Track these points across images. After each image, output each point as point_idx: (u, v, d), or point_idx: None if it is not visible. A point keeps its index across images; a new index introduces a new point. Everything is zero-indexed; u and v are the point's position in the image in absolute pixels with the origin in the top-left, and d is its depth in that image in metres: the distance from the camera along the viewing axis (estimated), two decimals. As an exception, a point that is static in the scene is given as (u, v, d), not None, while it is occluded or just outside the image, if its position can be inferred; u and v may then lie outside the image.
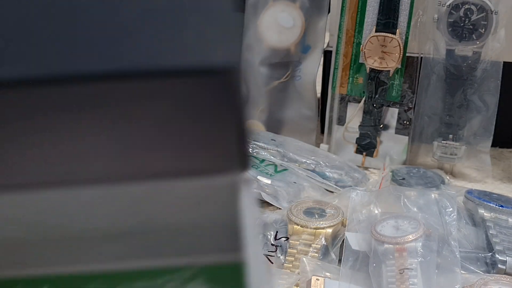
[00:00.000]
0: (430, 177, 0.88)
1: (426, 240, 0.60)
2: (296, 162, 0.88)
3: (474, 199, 0.74)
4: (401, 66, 0.93)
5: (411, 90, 0.95)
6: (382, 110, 0.96)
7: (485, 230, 0.68)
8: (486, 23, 0.89)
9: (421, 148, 0.99)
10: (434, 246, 0.59)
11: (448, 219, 0.65)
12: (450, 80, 0.93)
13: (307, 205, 0.71)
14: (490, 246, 0.65)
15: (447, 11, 0.91)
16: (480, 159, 0.95)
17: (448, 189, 0.77)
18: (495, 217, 0.70)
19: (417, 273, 0.57)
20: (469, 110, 0.94)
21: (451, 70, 0.93)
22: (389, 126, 0.98)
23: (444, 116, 0.95)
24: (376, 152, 0.96)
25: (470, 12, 0.90)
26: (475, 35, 0.90)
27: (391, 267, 0.58)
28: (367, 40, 0.92)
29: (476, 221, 0.71)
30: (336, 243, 0.66)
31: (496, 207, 0.72)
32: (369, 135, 0.96)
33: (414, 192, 0.71)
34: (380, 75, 0.94)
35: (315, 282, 0.57)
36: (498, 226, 0.68)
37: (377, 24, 0.92)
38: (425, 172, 0.90)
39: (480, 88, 0.93)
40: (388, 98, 0.95)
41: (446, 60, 0.93)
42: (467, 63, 0.92)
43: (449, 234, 0.63)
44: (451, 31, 0.91)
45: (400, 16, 0.91)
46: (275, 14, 1.01)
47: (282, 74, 1.03)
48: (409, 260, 0.58)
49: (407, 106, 0.96)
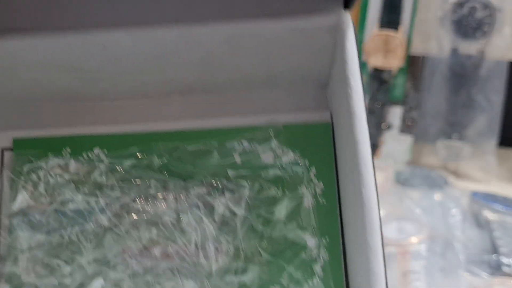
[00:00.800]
0: (434, 178, 0.87)
1: (430, 243, 0.59)
2: (298, 163, 0.87)
3: (479, 200, 0.73)
4: (405, 64, 0.92)
5: (415, 89, 0.94)
6: (385, 109, 0.95)
7: (489, 232, 0.67)
8: (491, 21, 0.88)
9: (424, 148, 0.98)
10: (437, 249, 0.59)
11: (452, 221, 0.64)
12: (454, 79, 0.92)
13: (308, 207, 0.71)
14: (495, 248, 0.64)
15: (451, 9, 0.90)
16: (485, 159, 0.94)
17: (452, 190, 0.76)
18: (500, 219, 0.70)
19: (420, 276, 0.56)
20: (474, 109, 0.93)
21: (455, 68, 0.92)
22: (392, 125, 0.97)
23: (448, 115, 0.94)
24: (378, 152, 0.95)
25: (475, 10, 0.89)
26: (479, 33, 0.89)
27: (394, 270, 0.57)
28: (369, 38, 0.91)
29: (480, 223, 0.70)
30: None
31: (501, 209, 0.71)
32: (371, 135, 0.95)
33: (417, 193, 0.71)
34: (382, 73, 0.93)
35: (316, 285, 0.56)
36: (503, 228, 0.67)
37: (380, 22, 0.91)
38: (429, 172, 0.89)
39: (484, 87, 0.92)
40: (391, 97, 0.94)
41: (450, 59, 0.92)
42: (471, 62, 0.91)
43: (453, 236, 0.62)
44: (455, 29, 0.90)
45: (403, 13, 0.90)
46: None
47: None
48: (413, 262, 0.57)
49: (410, 106, 0.95)
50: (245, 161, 0.45)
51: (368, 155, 0.38)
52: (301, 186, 0.45)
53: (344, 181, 0.43)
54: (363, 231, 0.36)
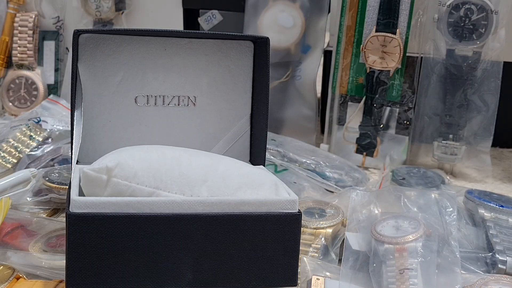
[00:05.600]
0: (430, 177, 0.88)
1: (426, 240, 0.60)
2: (296, 162, 0.87)
3: (475, 199, 0.74)
4: (401, 66, 0.92)
5: (411, 90, 0.95)
6: (382, 110, 0.96)
7: (485, 230, 0.68)
8: (487, 23, 0.89)
9: (421, 148, 0.99)
10: (434, 246, 0.59)
11: (448, 219, 0.65)
12: (450, 80, 0.93)
13: (307, 205, 0.71)
14: (490, 246, 0.65)
15: (447, 11, 0.91)
16: (480, 159, 0.95)
17: (448, 189, 0.77)
18: (495, 217, 0.70)
19: (417, 273, 0.57)
20: (469, 110, 0.94)
21: (451, 70, 0.93)
22: (389, 126, 0.98)
23: (444, 116, 0.95)
24: (376, 152, 0.96)
25: (471, 12, 0.90)
26: (475, 35, 0.90)
27: (391, 267, 0.58)
28: (367, 40, 0.92)
29: (476, 221, 0.71)
30: (336, 243, 0.66)
31: (496, 207, 0.72)
32: (369, 135, 0.96)
33: (414, 192, 0.71)
34: (380, 75, 0.93)
35: (316, 281, 0.57)
36: (498, 226, 0.68)
37: (377, 24, 0.92)
38: (425, 172, 0.90)
39: (480, 88, 0.93)
40: (388, 98, 0.95)
41: (446, 60, 0.93)
42: (467, 63, 0.92)
43: (449, 234, 0.63)
44: (452, 31, 0.91)
45: (400, 16, 0.91)
46: (275, 14, 1.01)
47: (282, 74, 1.03)
48: (410, 260, 0.58)
49: (407, 106, 0.96)
50: None
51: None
52: None
53: None
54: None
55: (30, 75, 1.09)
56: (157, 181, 0.53)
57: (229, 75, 0.67)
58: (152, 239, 0.51)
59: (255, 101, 0.67)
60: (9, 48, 1.10)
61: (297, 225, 0.54)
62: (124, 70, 0.65)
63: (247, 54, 0.67)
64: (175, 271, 0.52)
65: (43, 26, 1.11)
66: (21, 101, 1.09)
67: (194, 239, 0.51)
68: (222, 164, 0.57)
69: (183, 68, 0.67)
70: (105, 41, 0.64)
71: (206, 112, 0.68)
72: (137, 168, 0.53)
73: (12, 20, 1.09)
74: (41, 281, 0.56)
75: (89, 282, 0.51)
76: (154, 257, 0.51)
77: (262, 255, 0.53)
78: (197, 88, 0.67)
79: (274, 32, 1.00)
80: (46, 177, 0.74)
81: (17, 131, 0.87)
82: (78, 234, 0.50)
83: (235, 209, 0.53)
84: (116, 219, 0.50)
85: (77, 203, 0.50)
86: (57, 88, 1.11)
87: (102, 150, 0.63)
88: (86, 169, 0.53)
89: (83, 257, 0.50)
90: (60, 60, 1.12)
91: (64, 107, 1.03)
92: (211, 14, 1.07)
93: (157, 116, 0.66)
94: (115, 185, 0.52)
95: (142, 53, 0.65)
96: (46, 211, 0.73)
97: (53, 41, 1.11)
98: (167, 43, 0.66)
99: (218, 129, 0.68)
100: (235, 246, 0.53)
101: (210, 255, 0.52)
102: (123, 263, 0.51)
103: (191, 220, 0.51)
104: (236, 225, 0.52)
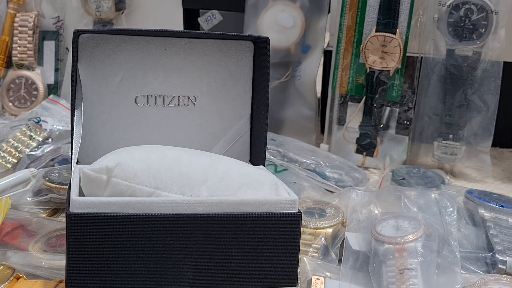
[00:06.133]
0: (430, 177, 0.88)
1: (426, 240, 0.60)
2: (296, 162, 0.87)
3: (474, 199, 0.74)
4: (401, 66, 0.92)
5: (411, 90, 0.95)
6: (382, 110, 0.96)
7: (485, 230, 0.68)
8: (487, 23, 0.89)
9: (421, 148, 0.99)
10: (434, 246, 0.59)
11: (448, 219, 0.65)
12: (450, 80, 0.93)
13: (307, 205, 0.71)
14: (490, 246, 0.65)
15: (447, 11, 0.91)
16: (480, 159, 0.95)
17: (448, 189, 0.77)
18: (495, 217, 0.70)
19: (417, 273, 0.57)
20: (469, 110, 0.94)
21: (451, 70, 0.92)
22: (389, 126, 0.98)
23: (444, 116, 0.95)
24: (376, 152, 0.96)
25: (471, 12, 0.90)
26: (475, 35, 0.90)
27: (391, 267, 0.58)
28: (367, 40, 0.92)
29: (476, 221, 0.71)
30: (336, 243, 0.66)
31: (496, 207, 0.72)
32: (369, 135, 0.96)
33: (414, 192, 0.71)
34: (380, 75, 0.93)
35: (316, 281, 0.57)
36: (498, 226, 0.68)
37: (377, 24, 0.92)
38: (425, 172, 0.90)
39: (480, 88, 0.93)
40: (388, 98, 0.95)
41: (446, 60, 0.93)
42: (467, 63, 0.92)
43: (449, 234, 0.63)
44: (452, 31, 0.91)
45: (400, 16, 0.91)
46: (275, 14, 1.01)
47: (282, 74, 1.03)
48: (409, 260, 0.58)
49: (407, 106, 0.96)
50: None
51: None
52: None
53: None
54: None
55: (30, 75, 1.10)
56: (157, 181, 0.53)
57: (229, 75, 0.67)
58: (152, 239, 0.51)
59: (255, 101, 0.67)
60: (9, 48, 1.10)
61: (297, 225, 0.54)
62: (124, 70, 0.65)
63: (247, 54, 0.67)
64: (175, 271, 0.52)
65: (43, 26, 1.11)
66: (21, 101, 1.10)
67: (194, 239, 0.51)
68: (222, 164, 0.57)
69: (183, 68, 0.67)
70: (105, 41, 0.64)
71: (206, 112, 0.68)
72: (137, 168, 0.53)
73: (12, 20, 1.09)
74: (41, 281, 0.56)
75: (89, 282, 0.51)
76: (154, 257, 0.51)
77: (262, 255, 0.53)
78: (197, 88, 0.67)
79: (274, 32, 1.00)
80: (46, 177, 0.75)
81: (17, 131, 0.87)
82: (78, 234, 0.50)
83: (235, 209, 0.53)
84: (116, 219, 0.50)
85: (77, 203, 0.50)
86: (57, 88, 1.11)
87: (102, 150, 0.63)
88: (86, 169, 0.53)
89: (83, 257, 0.50)
90: (60, 60, 1.12)
91: (64, 107, 1.03)
92: (211, 14, 1.07)
93: (157, 116, 0.66)
94: (115, 185, 0.52)
95: (142, 53, 0.65)
96: (46, 211, 0.73)
97: (53, 41, 1.11)
98: (167, 43, 0.66)
99: (218, 129, 0.68)
100: (235, 246, 0.52)
101: (210, 255, 0.52)
102: (123, 263, 0.51)
103: (191, 220, 0.51)
104: (236, 225, 0.52)
